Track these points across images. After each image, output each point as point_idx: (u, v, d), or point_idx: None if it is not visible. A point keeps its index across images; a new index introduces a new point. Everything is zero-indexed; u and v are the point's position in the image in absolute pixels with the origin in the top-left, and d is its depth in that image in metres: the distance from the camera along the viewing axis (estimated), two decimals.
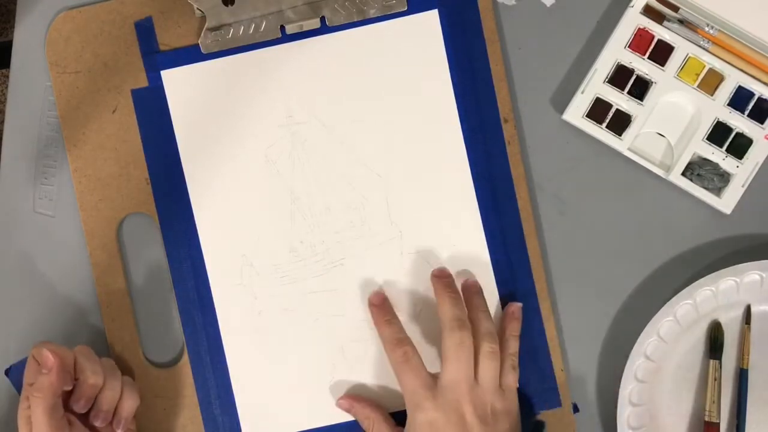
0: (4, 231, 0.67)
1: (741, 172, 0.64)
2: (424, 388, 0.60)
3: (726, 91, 0.64)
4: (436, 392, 0.59)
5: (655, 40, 0.64)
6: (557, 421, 0.65)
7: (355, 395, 0.64)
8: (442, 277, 0.63)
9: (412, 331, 0.65)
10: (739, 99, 0.64)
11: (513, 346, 0.62)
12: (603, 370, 0.65)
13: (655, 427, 0.64)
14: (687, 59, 0.64)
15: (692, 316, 0.63)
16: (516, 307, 0.63)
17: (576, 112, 0.65)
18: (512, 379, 0.61)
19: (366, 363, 0.65)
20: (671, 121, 0.65)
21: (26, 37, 0.67)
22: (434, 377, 0.60)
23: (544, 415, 0.65)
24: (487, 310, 0.62)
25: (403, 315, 0.65)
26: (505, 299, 0.65)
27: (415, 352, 0.61)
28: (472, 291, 0.63)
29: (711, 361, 0.63)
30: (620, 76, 0.64)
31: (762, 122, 0.64)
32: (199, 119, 0.66)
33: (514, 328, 0.63)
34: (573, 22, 0.66)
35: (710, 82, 0.64)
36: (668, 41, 0.64)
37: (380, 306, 0.63)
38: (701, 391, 0.64)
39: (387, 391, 0.65)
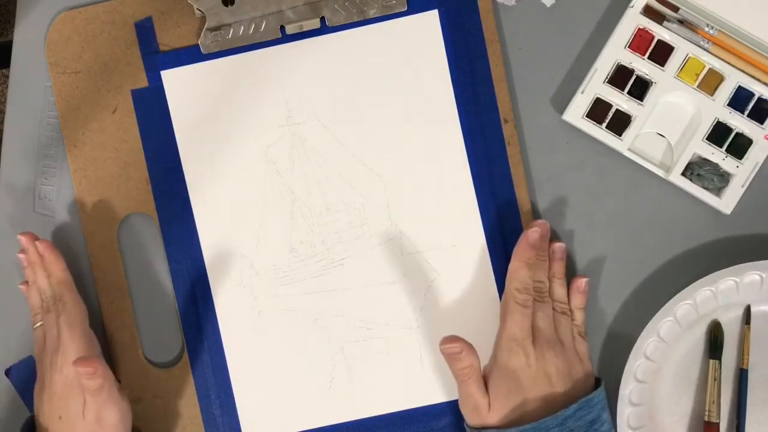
0: (4, 231, 0.67)
1: (741, 172, 0.64)
2: (527, 334, 0.60)
3: (726, 91, 0.64)
4: (534, 341, 0.60)
5: (655, 40, 0.64)
6: None
7: (461, 338, 0.59)
8: (530, 239, 0.62)
9: (414, 331, 0.65)
10: (739, 99, 0.64)
11: (579, 317, 0.63)
12: (603, 370, 0.65)
13: (655, 427, 0.64)
14: (687, 59, 0.64)
15: (692, 316, 0.63)
16: (582, 281, 0.63)
17: (576, 112, 0.65)
18: (583, 347, 0.62)
19: (366, 363, 0.65)
20: (671, 121, 0.65)
21: (26, 37, 0.67)
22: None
23: None
24: (564, 279, 0.63)
25: (404, 315, 0.65)
26: None
27: (532, 305, 0.61)
28: (556, 256, 0.63)
29: (711, 361, 0.63)
30: (620, 76, 0.64)
31: (762, 122, 0.64)
32: (199, 119, 0.66)
33: (580, 301, 0.63)
34: (573, 22, 0.66)
35: (710, 82, 0.64)
36: (668, 41, 0.64)
37: (533, 245, 0.62)
38: (701, 391, 0.64)
39: (388, 391, 0.65)
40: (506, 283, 0.62)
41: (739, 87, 0.64)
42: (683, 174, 0.64)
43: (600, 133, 0.65)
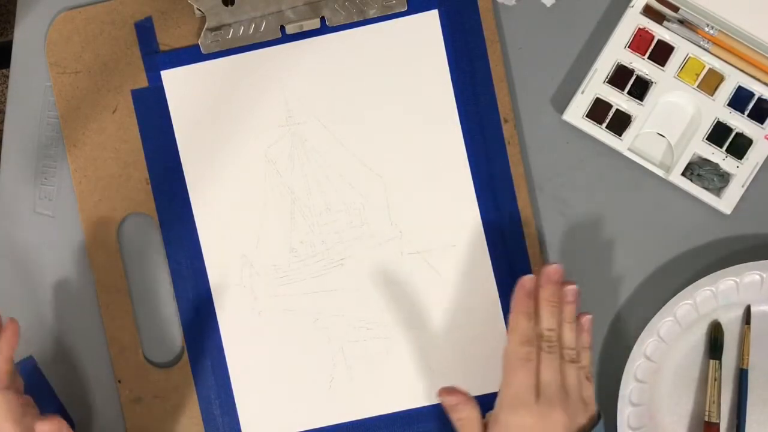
0: (4, 231, 0.67)
1: (741, 172, 0.64)
2: (531, 392, 0.57)
3: (726, 91, 0.64)
4: (538, 399, 0.57)
5: (655, 40, 0.64)
6: None
7: (459, 390, 0.59)
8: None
9: (413, 332, 0.65)
10: (739, 99, 0.64)
11: (585, 358, 0.60)
12: (603, 370, 0.65)
13: (655, 427, 0.64)
14: (687, 59, 0.64)
15: (692, 316, 0.63)
16: (587, 319, 0.60)
17: (576, 112, 0.65)
18: (589, 390, 0.59)
19: (365, 363, 0.65)
20: (671, 121, 0.65)
21: (26, 37, 0.67)
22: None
23: None
24: (574, 322, 0.60)
25: (404, 315, 0.65)
26: (504, 300, 0.65)
27: (536, 357, 0.58)
28: (567, 299, 0.60)
29: (711, 361, 0.63)
30: (620, 76, 0.64)
31: (762, 122, 0.64)
32: (199, 119, 0.66)
33: (585, 340, 0.60)
34: (573, 22, 0.66)
35: (710, 82, 0.64)
36: (668, 41, 0.64)
37: (529, 294, 0.59)
38: (701, 391, 0.64)
39: (388, 391, 0.65)
40: (507, 336, 0.59)
41: (739, 87, 0.64)
42: (683, 174, 0.64)
43: (600, 133, 0.65)
